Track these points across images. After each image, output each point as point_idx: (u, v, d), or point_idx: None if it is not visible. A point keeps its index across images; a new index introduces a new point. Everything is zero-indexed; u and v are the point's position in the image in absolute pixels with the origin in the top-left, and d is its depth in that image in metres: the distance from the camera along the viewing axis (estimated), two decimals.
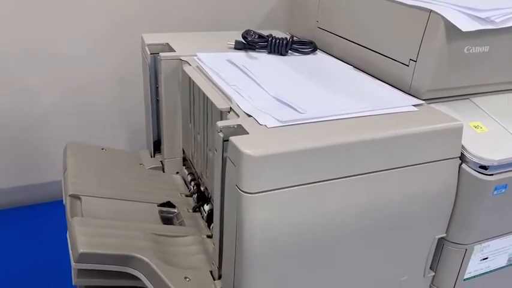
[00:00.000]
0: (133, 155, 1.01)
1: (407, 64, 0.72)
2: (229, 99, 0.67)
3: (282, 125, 0.59)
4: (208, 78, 0.75)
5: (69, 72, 1.35)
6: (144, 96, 0.99)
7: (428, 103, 0.71)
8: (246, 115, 0.62)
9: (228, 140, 0.56)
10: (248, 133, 0.57)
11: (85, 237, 0.65)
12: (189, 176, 0.93)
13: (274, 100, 0.66)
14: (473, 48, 0.70)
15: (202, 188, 0.87)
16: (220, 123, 0.58)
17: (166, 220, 0.82)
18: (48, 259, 1.22)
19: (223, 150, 0.58)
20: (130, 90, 1.40)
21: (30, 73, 1.32)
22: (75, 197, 0.77)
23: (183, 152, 0.96)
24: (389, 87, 0.75)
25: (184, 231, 0.78)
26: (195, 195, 0.89)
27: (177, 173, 0.97)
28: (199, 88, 0.74)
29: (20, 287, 1.14)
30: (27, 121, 1.36)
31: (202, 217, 0.83)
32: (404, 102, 0.68)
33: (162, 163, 0.97)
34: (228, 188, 0.59)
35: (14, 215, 1.39)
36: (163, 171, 0.97)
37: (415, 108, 0.68)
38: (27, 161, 1.40)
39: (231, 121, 0.60)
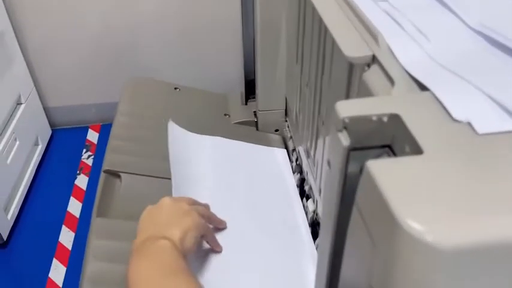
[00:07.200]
0: (218, 98, 0.71)
1: None
2: (373, 35, 0.30)
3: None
4: None
5: None
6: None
7: None
8: (411, 80, 0.25)
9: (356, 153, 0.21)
10: (422, 151, 0.20)
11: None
12: (291, 140, 0.61)
13: (485, 48, 0.28)
14: None
15: (305, 168, 0.54)
16: (342, 108, 0.22)
17: None
18: None
19: (347, 167, 0.24)
20: None
21: None
22: (112, 173, 0.53)
23: (286, 101, 0.62)
24: None
25: None
26: (296, 176, 0.57)
27: (276, 130, 0.65)
28: (313, 6, 0.38)
29: None
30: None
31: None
32: None
33: (255, 115, 0.65)
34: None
35: None
36: (257, 129, 0.66)
37: None
38: None
39: (367, 103, 0.24)
